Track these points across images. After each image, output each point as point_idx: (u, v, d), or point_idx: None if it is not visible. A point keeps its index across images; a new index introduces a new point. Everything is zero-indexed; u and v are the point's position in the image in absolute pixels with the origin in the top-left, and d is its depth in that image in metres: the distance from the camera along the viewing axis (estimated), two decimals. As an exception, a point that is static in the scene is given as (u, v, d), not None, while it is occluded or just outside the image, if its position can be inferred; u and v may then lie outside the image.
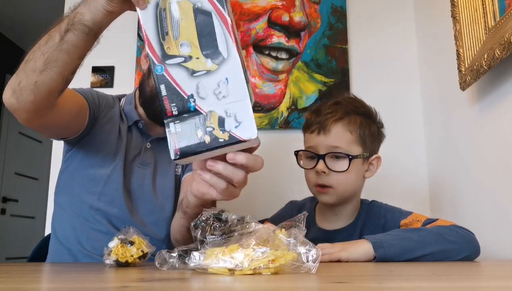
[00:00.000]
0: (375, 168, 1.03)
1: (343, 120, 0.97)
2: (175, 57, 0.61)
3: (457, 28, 1.23)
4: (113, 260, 0.72)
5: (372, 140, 1.00)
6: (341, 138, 0.96)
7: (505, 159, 1.07)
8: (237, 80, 0.59)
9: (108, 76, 1.73)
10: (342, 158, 0.96)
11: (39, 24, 3.30)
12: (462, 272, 0.67)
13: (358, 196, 1.05)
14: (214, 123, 0.59)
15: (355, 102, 1.03)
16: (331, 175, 0.96)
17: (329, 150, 0.96)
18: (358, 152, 0.98)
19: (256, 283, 0.48)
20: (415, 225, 0.94)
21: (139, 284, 0.50)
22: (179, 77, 0.61)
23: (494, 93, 1.12)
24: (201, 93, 0.60)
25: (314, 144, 0.98)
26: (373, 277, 0.55)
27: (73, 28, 0.72)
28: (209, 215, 0.64)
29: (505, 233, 1.08)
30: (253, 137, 0.57)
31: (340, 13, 1.74)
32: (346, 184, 0.97)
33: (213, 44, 0.60)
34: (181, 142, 0.59)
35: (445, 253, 0.81)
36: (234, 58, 0.60)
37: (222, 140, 0.58)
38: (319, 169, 0.96)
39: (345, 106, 1.00)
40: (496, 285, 0.48)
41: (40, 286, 0.54)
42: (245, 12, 1.75)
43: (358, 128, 0.98)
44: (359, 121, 0.99)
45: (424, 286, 0.48)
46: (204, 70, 0.60)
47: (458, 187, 1.35)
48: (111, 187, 1.03)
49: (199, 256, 0.56)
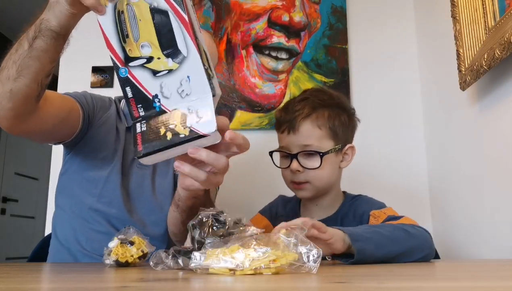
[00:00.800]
0: (350, 157, 1.04)
1: (310, 117, 0.98)
2: (137, 59, 0.62)
3: (457, 28, 1.23)
4: (113, 260, 0.72)
5: (343, 130, 1.01)
6: (310, 136, 0.98)
7: (505, 158, 1.07)
8: (199, 77, 0.60)
9: (108, 76, 1.73)
10: (313, 155, 0.97)
11: (39, 24, 3.31)
12: (462, 272, 0.67)
13: (336, 187, 1.06)
14: (177, 120, 0.59)
15: (322, 95, 1.03)
16: (306, 171, 0.98)
17: (301, 148, 0.98)
18: (330, 145, 0.99)
19: (257, 283, 0.48)
20: (381, 217, 0.94)
21: (139, 284, 0.50)
22: (143, 78, 0.61)
23: (494, 93, 1.12)
24: (165, 92, 0.61)
25: (285, 144, 1.01)
26: (373, 277, 0.55)
27: (40, 34, 0.73)
28: (208, 216, 0.65)
29: (506, 233, 1.08)
30: (212, 131, 0.58)
31: (340, 13, 1.74)
32: (322, 179, 0.99)
33: (172, 43, 0.60)
34: (145, 141, 0.60)
35: (411, 251, 0.79)
36: (194, 56, 0.60)
37: (183, 135, 0.59)
38: (293, 168, 0.98)
39: (312, 101, 1.00)
40: (496, 285, 0.48)
41: (40, 286, 0.54)
42: (245, 12, 1.75)
43: (327, 122, 0.98)
44: (327, 114, 0.99)
45: (424, 286, 0.48)
46: (166, 69, 0.61)
47: (458, 186, 1.36)
48: (110, 188, 1.03)
49: (199, 256, 0.56)
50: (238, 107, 1.68)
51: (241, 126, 1.66)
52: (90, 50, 1.76)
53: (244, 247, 0.56)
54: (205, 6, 1.76)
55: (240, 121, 1.66)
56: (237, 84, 1.70)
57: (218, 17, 1.75)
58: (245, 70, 1.71)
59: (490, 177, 1.15)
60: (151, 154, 0.60)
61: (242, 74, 1.71)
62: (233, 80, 1.70)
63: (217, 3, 1.76)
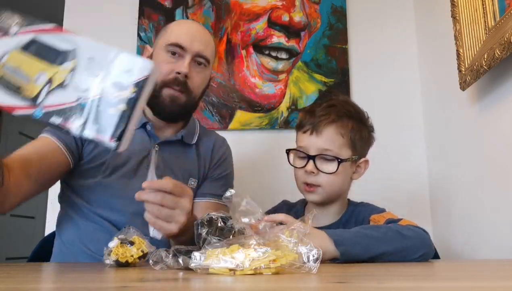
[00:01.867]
0: (363, 170, 1.07)
1: (336, 124, 1.00)
2: (41, 92, 0.62)
3: (457, 28, 1.23)
4: (113, 260, 0.72)
5: (362, 144, 1.04)
6: (332, 141, 1.00)
7: (505, 158, 1.07)
8: (98, 47, 0.61)
9: (108, 76, 1.73)
10: (331, 160, 0.99)
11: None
12: (462, 272, 0.67)
13: (344, 196, 1.08)
14: (115, 93, 0.60)
15: (348, 106, 1.06)
16: (320, 175, 0.99)
17: (320, 151, 0.99)
18: (348, 155, 1.01)
19: (257, 283, 0.48)
20: (380, 221, 0.95)
21: (139, 284, 0.50)
22: (57, 99, 0.61)
23: (494, 93, 1.12)
24: (82, 88, 0.61)
25: (305, 145, 1.02)
26: (373, 277, 0.55)
27: None
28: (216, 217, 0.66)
29: (506, 233, 1.08)
30: (150, 67, 0.60)
31: (340, 13, 1.74)
32: (333, 185, 1.01)
33: (56, 52, 0.62)
34: (107, 130, 0.60)
35: (403, 251, 0.80)
36: (80, 41, 0.61)
37: (133, 94, 0.59)
38: (308, 169, 0.99)
39: (339, 110, 1.02)
40: (496, 285, 0.48)
41: (40, 286, 0.54)
42: (245, 12, 1.75)
43: (349, 132, 1.01)
44: (351, 125, 1.01)
45: (424, 286, 0.48)
46: (68, 72, 0.62)
47: (458, 187, 1.36)
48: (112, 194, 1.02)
49: (200, 256, 0.56)
50: (238, 107, 1.68)
51: (241, 127, 1.66)
52: (90, 50, 1.76)
53: (244, 247, 0.56)
54: (205, 6, 1.76)
55: (240, 122, 1.66)
56: (237, 84, 1.70)
57: (218, 17, 1.75)
58: (245, 70, 1.71)
59: (490, 177, 1.15)
60: (122, 135, 0.60)
61: (242, 74, 1.71)
62: (233, 80, 1.70)
63: (217, 3, 1.76)
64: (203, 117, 1.66)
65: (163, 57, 1.06)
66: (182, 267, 0.63)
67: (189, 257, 0.60)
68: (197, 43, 1.06)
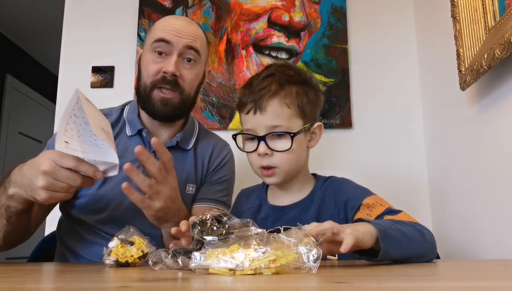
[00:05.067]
0: (318, 136, 0.98)
1: (279, 95, 0.91)
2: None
3: (457, 28, 1.23)
4: (113, 260, 0.72)
5: (312, 108, 0.95)
6: (279, 116, 0.90)
7: (505, 158, 1.07)
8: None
9: (108, 76, 1.73)
10: (283, 136, 0.90)
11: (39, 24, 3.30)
12: (462, 272, 0.67)
13: (305, 169, 1.01)
14: None
15: (288, 71, 0.95)
16: (274, 155, 0.91)
17: (269, 130, 0.90)
18: (300, 125, 0.92)
19: (257, 283, 0.48)
20: (377, 208, 0.88)
21: (139, 284, 0.50)
22: None
23: (494, 93, 1.12)
24: None
25: (252, 126, 0.93)
26: (373, 277, 0.55)
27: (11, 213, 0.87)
28: (210, 216, 0.65)
29: (506, 233, 1.08)
30: None
31: (340, 13, 1.74)
32: (291, 162, 0.93)
33: None
34: None
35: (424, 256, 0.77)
36: None
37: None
38: (261, 152, 0.91)
39: (279, 78, 0.92)
40: (496, 285, 0.48)
41: (40, 286, 0.53)
42: (245, 12, 1.75)
43: (295, 99, 0.91)
44: (295, 91, 0.92)
45: (424, 286, 0.48)
46: None
47: (458, 186, 1.36)
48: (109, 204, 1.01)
49: (199, 256, 0.56)
50: (238, 107, 1.68)
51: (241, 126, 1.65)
52: (90, 50, 1.76)
53: (244, 247, 0.56)
54: (205, 6, 1.76)
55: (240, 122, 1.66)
56: (237, 84, 1.70)
57: (218, 17, 1.75)
58: (245, 70, 1.71)
59: (490, 177, 1.15)
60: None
61: (242, 74, 1.71)
62: (233, 80, 1.70)
63: (217, 3, 1.76)
64: (203, 117, 1.66)
65: (150, 58, 1.02)
66: (181, 267, 0.63)
67: (188, 258, 0.60)
68: (184, 35, 1.01)
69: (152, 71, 1.00)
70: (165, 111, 1.02)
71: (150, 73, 1.01)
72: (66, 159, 0.76)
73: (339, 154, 1.66)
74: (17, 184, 0.81)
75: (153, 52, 1.02)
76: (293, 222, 0.90)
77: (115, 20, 1.79)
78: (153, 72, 1.00)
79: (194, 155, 1.11)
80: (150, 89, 1.01)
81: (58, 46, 1.76)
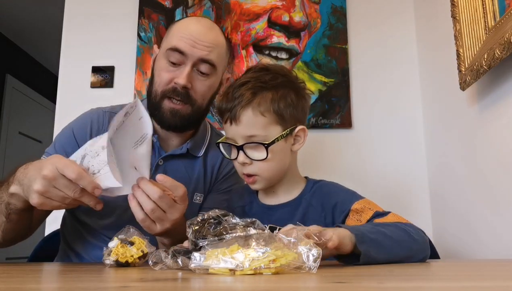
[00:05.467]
0: (303, 139, 0.95)
1: (252, 104, 0.88)
2: None
3: (457, 28, 1.23)
4: (113, 260, 0.72)
5: (291, 111, 0.91)
6: (254, 125, 0.88)
7: (505, 158, 1.07)
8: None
9: (108, 76, 1.73)
10: (259, 145, 0.89)
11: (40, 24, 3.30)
12: (462, 272, 0.67)
13: (292, 171, 0.98)
14: None
15: (264, 76, 0.92)
16: (254, 163, 0.90)
17: (245, 140, 0.89)
18: (278, 132, 0.90)
19: (257, 283, 0.48)
20: (366, 213, 0.87)
21: (139, 284, 0.50)
22: None
23: (494, 93, 1.12)
24: None
25: (231, 135, 0.92)
26: (373, 277, 0.55)
27: (12, 211, 0.87)
28: (207, 217, 0.65)
29: (505, 233, 1.08)
30: None
31: (340, 13, 1.74)
32: (271, 169, 0.92)
33: None
34: None
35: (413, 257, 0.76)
36: None
37: None
38: (240, 161, 0.91)
39: (253, 85, 0.90)
40: (496, 285, 0.48)
41: (40, 286, 0.53)
42: (245, 12, 1.75)
43: (270, 105, 0.88)
44: (270, 97, 0.89)
45: (424, 286, 0.48)
46: None
47: (458, 187, 1.36)
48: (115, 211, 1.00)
49: (199, 256, 0.56)
50: (238, 107, 1.68)
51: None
52: (90, 50, 1.76)
53: (244, 247, 0.56)
54: (205, 6, 1.76)
55: (240, 121, 1.66)
56: (237, 84, 1.70)
57: (218, 17, 1.75)
58: (245, 70, 1.71)
59: (490, 177, 1.15)
60: None
61: (242, 74, 1.71)
62: (233, 80, 1.70)
63: (217, 3, 1.76)
64: (203, 117, 1.66)
65: (163, 65, 0.98)
66: (181, 267, 0.63)
67: (188, 258, 0.60)
68: (200, 46, 0.96)
69: (164, 80, 0.97)
70: (173, 122, 0.99)
71: (162, 81, 0.98)
72: (69, 169, 0.73)
73: (339, 154, 1.67)
74: (19, 182, 0.80)
75: (167, 58, 0.98)
76: (280, 222, 0.92)
77: (115, 20, 1.79)
78: (165, 81, 0.97)
79: (204, 162, 1.08)
80: (160, 98, 0.98)
81: (58, 46, 1.76)
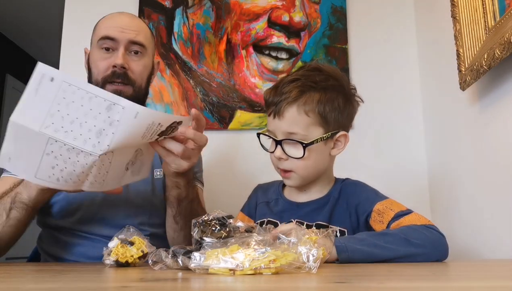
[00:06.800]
0: (343, 145, 0.96)
1: (297, 102, 0.89)
2: None
3: (457, 28, 1.23)
4: (113, 260, 0.72)
5: (337, 116, 0.92)
6: (296, 123, 0.89)
7: (505, 158, 1.07)
8: None
9: (108, 76, 1.73)
10: (297, 143, 0.89)
11: (40, 24, 3.30)
12: (462, 272, 0.67)
13: (328, 173, 1.00)
14: None
15: (315, 76, 0.92)
16: (290, 160, 0.91)
17: (285, 135, 0.90)
18: (318, 133, 0.90)
19: (257, 283, 0.48)
20: (388, 214, 0.88)
21: (139, 284, 0.50)
22: None
23: (494, 93, 1.12)
24: None
25: (272, 129, 0.94)
26: (373, 277, 0.55)
27: (14, 206, 0.88)
28: (212, 217, 0.65)
29: (506, 232, 1.08)
30: None
31: (340, 13, 1.74)
32: (307, 169, 0.92)
33: None
34: None
35: (411, 258, 0.77)
36: None
37: None
38: (276, 155, 0.92)
39: (302, 83, 0.90)
40: (496, 285, 0.48)
41: (40, 286, 0.53)
42: (245, 12, 1.75)
43: (316, 107, 0.89)
44: (317, 98, 0.89)
45: (424, 286, 0.48)
46: None
47: (458, 186, 1.35)
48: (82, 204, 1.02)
49: (199, 256, 0.56)
50: (238, 107, 1.68)
51: (241, 126, 1.65)
52: (90, 50, 1.76)
53: (244, 247, 0.56)
54: (205, 6, 1.76)
55: (240, 122, 1.66)
56: (237, 84, 1.70)
57: (218, 17, 1.75)
58: (245, 70, 1.71)
59: (490, 177, 1.15)
60: None
61: (242, 74, 1.71)
62: (233, 80, 1.70)
63: (217, 3, 1.76)
64: (203, 117, 1.66)
65: (98, 55, 1.06)
66: (181, 267, 0.63)
67: (188, 257, 0.60)
68: (127, 30, 1.05)
69: (102, 67, 1.04)
70: None
71: (100, 69, 1.04)
72: None
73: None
74: None
75: (100, 49, 1.05)
76: (306, 218, 0.95)
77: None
78: (103, 68, 1.04)
79: None
80: (102, 85, 1.03)
81: (58, 46, 1.76)
